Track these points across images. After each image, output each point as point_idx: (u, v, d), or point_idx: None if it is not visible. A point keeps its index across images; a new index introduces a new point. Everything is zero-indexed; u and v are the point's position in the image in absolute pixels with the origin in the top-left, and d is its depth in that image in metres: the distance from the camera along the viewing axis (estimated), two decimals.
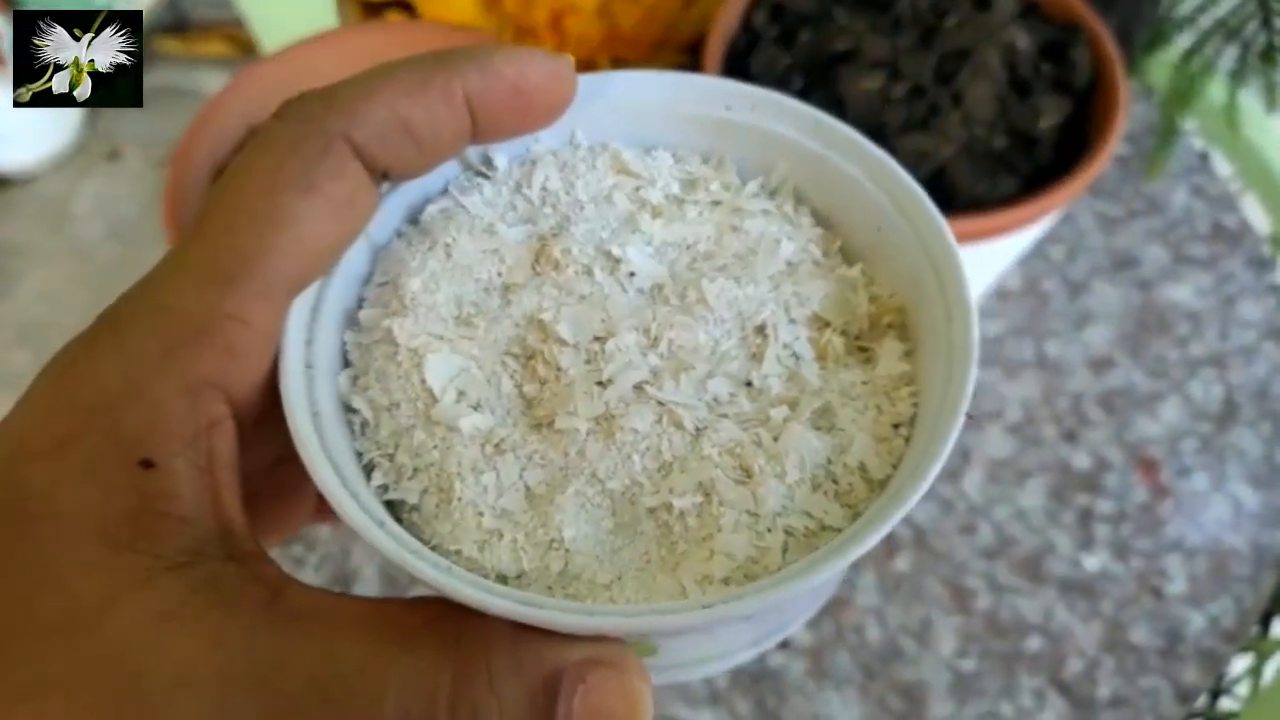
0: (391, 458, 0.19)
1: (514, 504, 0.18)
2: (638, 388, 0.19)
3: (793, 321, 0.20)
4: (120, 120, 0.61)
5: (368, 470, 0.19)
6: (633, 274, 0.20)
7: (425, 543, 0.18)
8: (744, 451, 0.18)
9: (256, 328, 0.17)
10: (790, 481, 0.18)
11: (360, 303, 0.21)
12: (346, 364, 0.20)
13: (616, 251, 0.20)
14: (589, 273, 0.20)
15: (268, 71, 0.44)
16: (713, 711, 0.41)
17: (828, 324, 0.20)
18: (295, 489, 0.22)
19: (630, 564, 0.18)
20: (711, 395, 0.19)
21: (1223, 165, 0.58)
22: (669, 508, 0.18)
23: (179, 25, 0.63)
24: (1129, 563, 0.44)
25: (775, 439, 0.18)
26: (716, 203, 0.22)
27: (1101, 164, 0.40)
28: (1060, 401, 0.49)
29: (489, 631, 0.16)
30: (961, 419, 0.17)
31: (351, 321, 0.20)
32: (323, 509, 0.22)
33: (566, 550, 0.18)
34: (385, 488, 0.19)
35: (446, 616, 0.16)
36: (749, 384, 0.19)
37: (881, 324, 0.21)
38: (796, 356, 0.20)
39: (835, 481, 0.18)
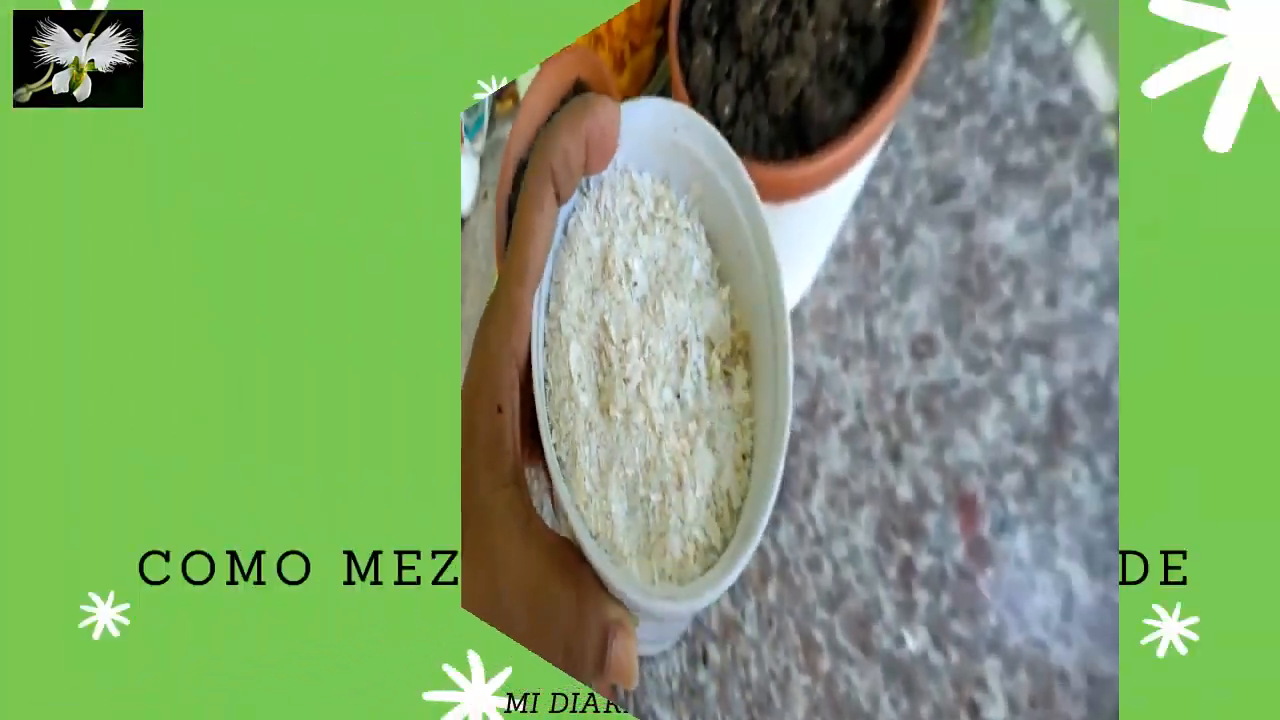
0: (556, 424, 0.23)
1: (595, 475, 0.22)
2: (638, 388, 0.22)
3: (698, 339, 0.22)
4: None
5: (549, 429, 0.24)
6: (635, 284, 0.23)
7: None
8: (678, 461, 0.21)
9: (530, 313, 0.24)
10: (699, 495, 0.22)
11: (548, 296, 0.25)
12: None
13: (631, 264, 0.23)
14: (621, 283, 0.23)
15: None
16: None
17: (713, 345, 0.23)
18: None
19: (635, 544, 0.22)
20: (664, 403, 0.22)
21: (1054, 5, 0.49)
22: (648, 500, 0.22)
23: None
24: (949, 656, 0.41)
25: (692, 452, 0.22)
26: (667, 220, 0.24)
27: (926, 42, 0.33)
28: (887, 402, 0.48)
29: (586, 580, 0.22)
30: (783, 457, 0.21)
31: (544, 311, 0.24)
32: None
33: (612, 523, 0.22)
34: (556, 445, 0.23)
35: (572, 554, 0.23)
36: (678, 395, 0.22)
37: (737, 349, 0.23)
38: (698, 373, 0.22)
39: (715, 503, 0.22)
